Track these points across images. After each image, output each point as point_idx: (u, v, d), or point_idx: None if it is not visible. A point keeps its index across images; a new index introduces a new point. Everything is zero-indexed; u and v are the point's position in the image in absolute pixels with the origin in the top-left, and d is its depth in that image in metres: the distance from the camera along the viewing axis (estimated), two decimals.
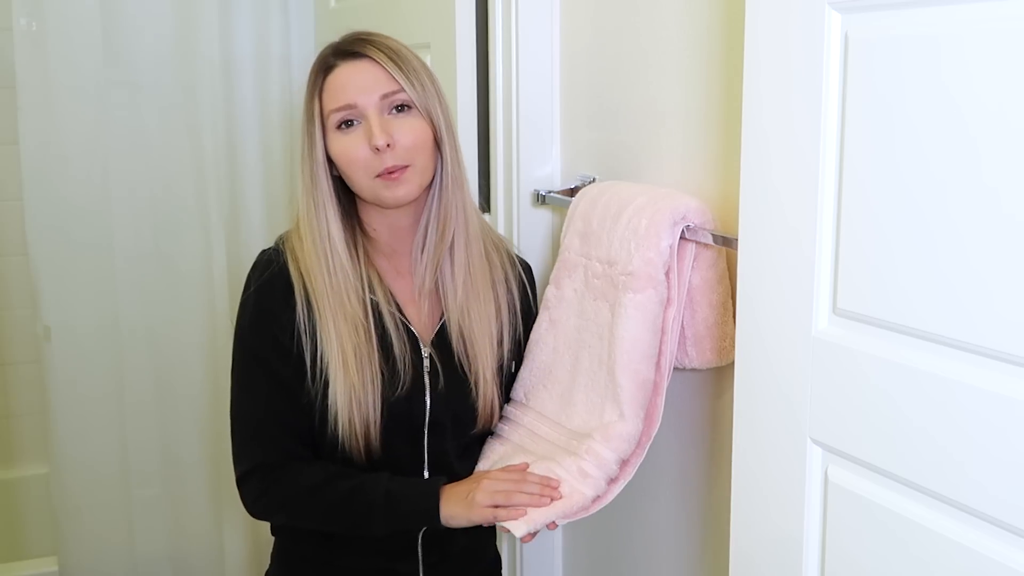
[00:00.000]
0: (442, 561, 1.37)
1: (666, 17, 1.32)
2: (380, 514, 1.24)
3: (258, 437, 1.28)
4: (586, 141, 1.54)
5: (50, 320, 2.30)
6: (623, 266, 1.24)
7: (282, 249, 1.29)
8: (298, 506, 1.28)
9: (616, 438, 1.23)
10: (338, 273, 1.26)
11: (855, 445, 0.86)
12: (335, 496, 1.25)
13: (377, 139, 1.22)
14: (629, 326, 1.23)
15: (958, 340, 0.76)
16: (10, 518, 2.81)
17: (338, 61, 1.27)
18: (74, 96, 2.25)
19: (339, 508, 1.26)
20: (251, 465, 1.28)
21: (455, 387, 1.31)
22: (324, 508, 1.26)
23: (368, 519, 1.25)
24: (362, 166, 1.24)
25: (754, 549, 0.99)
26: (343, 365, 1.23)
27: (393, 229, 1.32)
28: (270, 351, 1.26)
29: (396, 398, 1.26)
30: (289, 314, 1.25)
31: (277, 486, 1.27)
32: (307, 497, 1.27)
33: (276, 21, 2.39)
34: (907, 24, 0.78)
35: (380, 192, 1.25)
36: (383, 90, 1.24)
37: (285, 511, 1.30)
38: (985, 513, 0.75)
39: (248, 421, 1.29)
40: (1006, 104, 0.70)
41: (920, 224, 0.77)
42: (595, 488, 1.23)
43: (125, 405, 2.40)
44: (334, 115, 1.25)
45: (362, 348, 1.25)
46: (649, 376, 1.24)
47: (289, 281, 1.26)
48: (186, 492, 2.49)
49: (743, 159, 0.94)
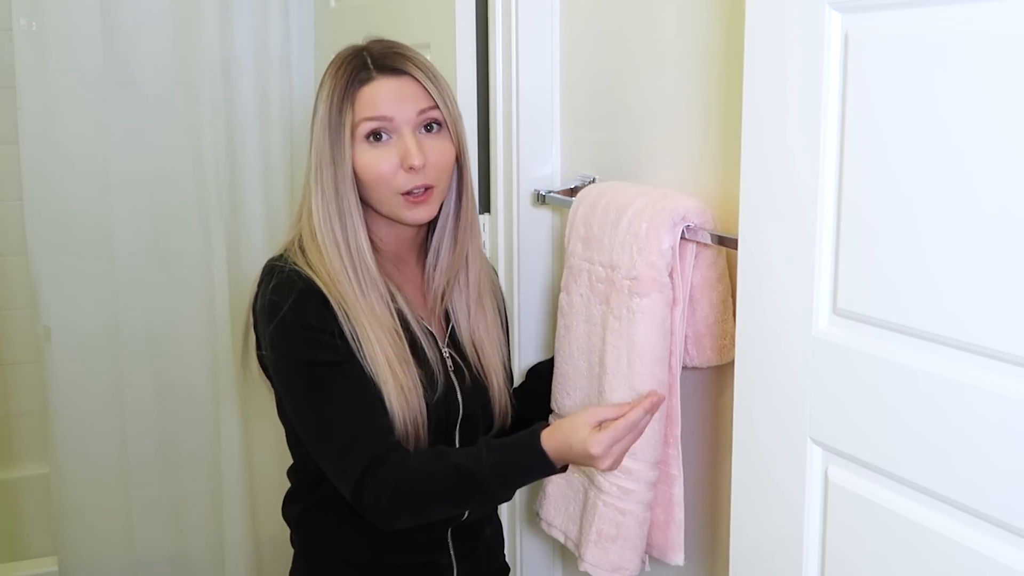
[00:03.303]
0: (471, 553, 1.41)
1: (666, 17, 1.32)
2: (495, 487, 1.19)
3: (359, 437, 1.21)
4: (586, 141, 1.54)
5: (50, 320, 2.30)
6: (627, 271, 1.25)
7: (296, 268, 1.24)
8: (420, 492, 1.21)
9: (640, 447, 1.24)
10: (368, 284, 1.24)
11: (855, 445, 0.86)
12: (448, 478, 1.19)
13: (415, 159, 1.22)
14: (640, 332, 1.23)
15: (958, 340, 0.76)
16: (10, 518, 2.81)
17: (377, 75, 1.24)
18: (74, 96, 2.25)
19: (455, 487, 1.20)
20: (364, 466, 1.20)
21: (477, 384, 1.34)
22: (444, 491, 1.20)
23: (487, 492, 1.20)
24: (388, 182, 1.24)
25: (754, 549, 0.99)
26: (391, 370, 1.22)
27: (401, 240, 1.33)
28: (333, 354, 1.22)
29: (436, 399, 1.27)
30: (332, 323, 1.22)
31: (395, 477, 1.20)
32: (428, 479, 1.20)
33: (276, 21, 2.39)
34: (907, 24, 0.78)
35: (401, 211, 1.26)
36: (420, 106, 1.25)
37: (408, 502, 1.22)
38: (985, 513, 0.75)
39: (340, 431, 1.22)
40: (1006, 103, 0.70)
41: (920, 224, 0.77)
42: (640, 500, 1.27)
43: (125, 405, 2.40)
44: (365, 124, 1.23)
45: (402, 353, 1.25)
46: (664, 378, 1.25)
47: (320, 294, 1.22)
48: (186, 492, 2.49)
49: (743, 159, 0.94)
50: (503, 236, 1.67)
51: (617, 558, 1.28)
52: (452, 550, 1.38)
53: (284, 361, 1.24)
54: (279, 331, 1.22)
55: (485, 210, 1.73)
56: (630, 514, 1.27)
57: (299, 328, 1.21)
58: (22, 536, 2.81)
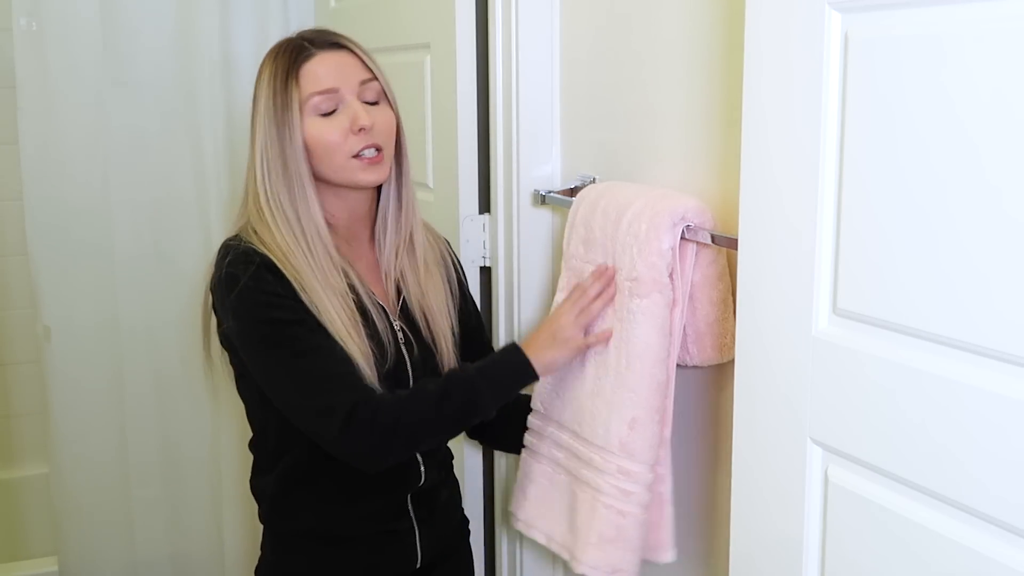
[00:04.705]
0: (431, 515, 1.44)
1: (666, 17, 1.32)
2: (485, 393, 1.29)
3: (344, 380, 1.25)
4: (586, 141, 1.54)
5: (50, 320, 2.30)
6: (627, 272, 1.25)
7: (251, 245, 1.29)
8: (410, 419, 1.25)
9: (638, 450, 1.25)
10: (321, 253, 1.29)
11: (855, 445, 0.86)
12: (434, 397, 1.27)
13: (363, 119, 1.29)
14: (640, 332, 1.23)
15: (958, 340, 0.76)
16: (10, 518, 2.81)
17: (316, 50, 1.31)
18: (74, 96, 2.25)
19: (444, 405, 1.26)
20: (349, 407, 1.22)
21: (426, 355, 1.39)
22: (433, 410, 1.26)
23: (477, 402, 1.29)
24: (340, 146, 1.29)
25: (754, 549, 0.99)
26: (349, 336, 1.27)
27: (352, 214, 1.38)
28: (301, 312, 1.25)
29: (386, 370, 1.31)
30: (290, 291, 1.26)
31: (381, 413, 1.23)
32: (412, 404, 1.26)
33: (276, 21, 2.38)
34: (907, 24, 0.78)
35: (357, 174, 1.31)
36: (361, 76, 1.32)
37: (399, 431, 1.24)
38: (985, 513, 0.75)
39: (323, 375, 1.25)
40: (1006, 104, 0.70)
41: (920, 224, 0.77)
42: (639, 502, 1.27)
43: (125, 405, 2.40)
44: (315, 99, 1.29)
45: (355, 324, 1.29)
46: (662, 379, 1.25)
47: (274, 267, 1.27)
48: (186, 492, 2.49)
49: (743, 159, 0.94)
50: (503, 236, 1.67)
51: (618, 560, 1.28)
52: (413, 515, 1.41)
53: (250, 326, 1.27)
54: (240, 299, 1.26)
55: (485, 210, 1.74)
56: (630, 516, 1.27)
57: (260, 293, 1.26)
58: (22, 536, 2.81)
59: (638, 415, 1.24)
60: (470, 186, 1.73)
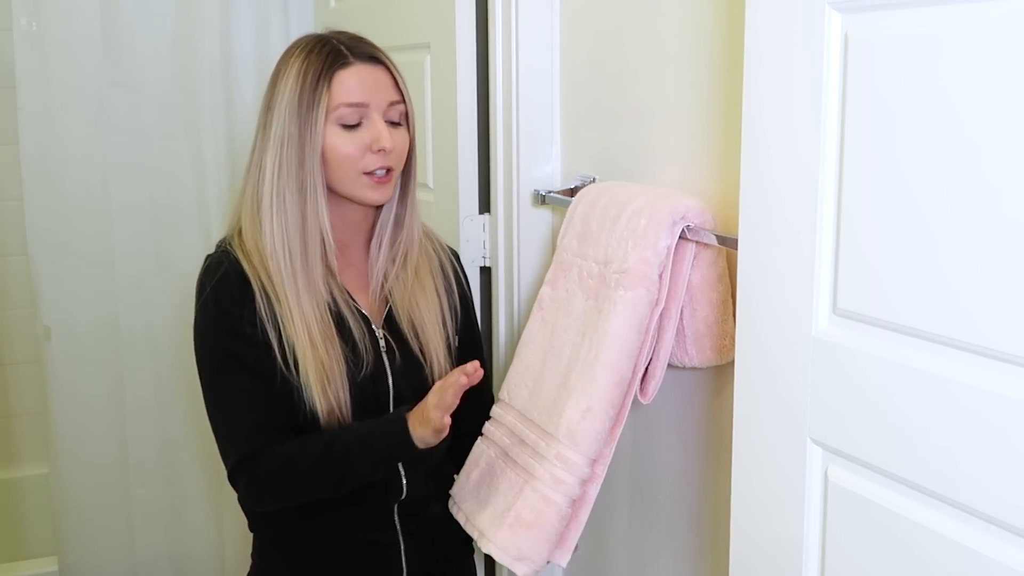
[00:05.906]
0: (419, 530, 1.42)
1: (666, 17, 1.32)
2: (360, 458, 1.27)
3: (239, 432, 1.30)
4: (586, 141, 1.54)
5: (50, 320, 2.30)
6: (618, 264, 1.24)
7: (229, 248, 1.32)
8: (283, 479, 1.29)
9: (584, 440, 1.24)
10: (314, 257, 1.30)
11: (855, 445, 0.86)
12: (313, 457, 1.27)
13: (386, 142, 1.29)
14: (616, 323, 1.23)
15: (958, 340, 0.76)
16: (10, 518, 2.81)
17: (354, 60, 1.30)
18: (74, 96, 2.25)
19: (320, 467, 1.27)
20: (237, 458, 1.30)
21: (411, 364, 1.37)
22: (307, 472, 1.28)
23: (351, 467, 1.27)
24: (355, 161, 1.29)
25: (754, 549, 0.99)
26: (311, 345, 1.28)
27: (347, 224, 1.38)
28: (239, 344, 1.28)
29: (362, 378, 1.32)
30: (249, 306, 1.28)
31: (260, 469, 1.29)
32: (288, 467, 1.28)
33: (276, 21, 2.39)
34: (907, 24, 0.78)
35: (364, 191, 1.31)
36: (391, 98, 1.32)
37: (273, 491, 1.31)
38: (985, 513, 0.75)
39: (227, 420, 1.32)
40: (1006, 104, 0.70)
41: (920, 224, 0.77)
42: (568, 493, 1.25)
43: (125, 405, 2.40)
44: (343, 109, 1.28)
45: (327, 329, 1.29)
46: (627, 375, 1.24)
47: (243, 274, 1.29)
48: (186, 492, 2.49)
49: (743, 159, 0.94)
50: (503, 236, 1.67)
51: (528, 547, 1.26)
52: (399, 527, 1.40)
53: (198, 341, 1.33)
54: (201, 311, 1.31)
55: (485, 210, 1.74)
56: (555, 505, 1.25)
57: (217, 312, 1.29)
58: (22, 536, 2.81)
59: (594, 405, 1.23)
60: (470, 186, 1.73)
